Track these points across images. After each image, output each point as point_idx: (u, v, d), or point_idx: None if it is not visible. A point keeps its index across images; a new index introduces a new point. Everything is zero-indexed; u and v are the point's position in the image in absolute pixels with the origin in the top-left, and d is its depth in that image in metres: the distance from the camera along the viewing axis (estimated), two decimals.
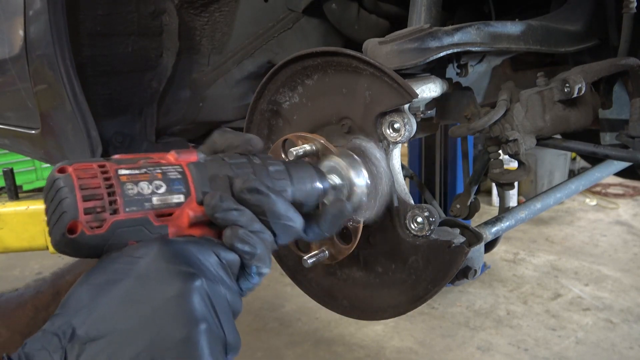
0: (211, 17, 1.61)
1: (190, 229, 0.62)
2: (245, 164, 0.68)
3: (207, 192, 0.63)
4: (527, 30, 1.17)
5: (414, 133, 0.90)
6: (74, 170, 0.57)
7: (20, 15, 1.44)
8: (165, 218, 0.61)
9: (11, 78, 1.63)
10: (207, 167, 0.65)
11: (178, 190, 0.61)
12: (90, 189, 0.56)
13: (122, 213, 0.58)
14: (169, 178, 0.61)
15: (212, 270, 0.58)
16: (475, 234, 0.92)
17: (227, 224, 0.62)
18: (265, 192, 0.64)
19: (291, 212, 0.67)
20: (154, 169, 0.61)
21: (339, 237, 0.95)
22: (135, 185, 0.59)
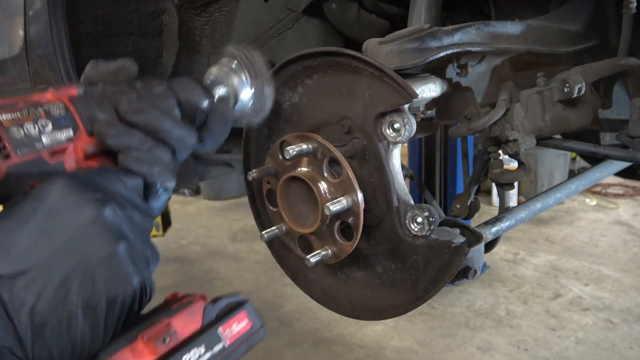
0: (211, 17, 1.61)
1: (87, 162, 0.63)
2: (127, 91, 0.67)
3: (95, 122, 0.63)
4: (527, 30, 1.17)
5: (414, 133, 0.90)
6: None
7: (20, 15, 1.44)
8: (59, 155, 0.61)
9: (11, 78, 1.63)
10: (89, 99, 0.65)
11: (65, 126, 0.62)
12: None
13: (15, 157, 0.58)
14: (53, 115, 0.61)
15: (120, 196, 0.59)
16: (475, 234, 0.92)
17: (120, 148, 0.63)
18: (151, 110, 0.64)
19: (180, 125, 0.67)
20: (35, 109, 0.61)
21: (340, 234, 0.95)
22: (21, 127, 0.59)
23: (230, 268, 4.73)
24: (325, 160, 0.93)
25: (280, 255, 1.16)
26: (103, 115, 0.64)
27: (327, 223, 0.94)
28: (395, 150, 0.93)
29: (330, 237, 0.96)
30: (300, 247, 1.03)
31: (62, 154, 0.61)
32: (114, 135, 0.62)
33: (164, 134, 0.65)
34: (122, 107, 0.64)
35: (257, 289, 4.27)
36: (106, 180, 0.60)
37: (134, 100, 0.65)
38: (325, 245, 0.97)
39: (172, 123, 0.66)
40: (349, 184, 0.91)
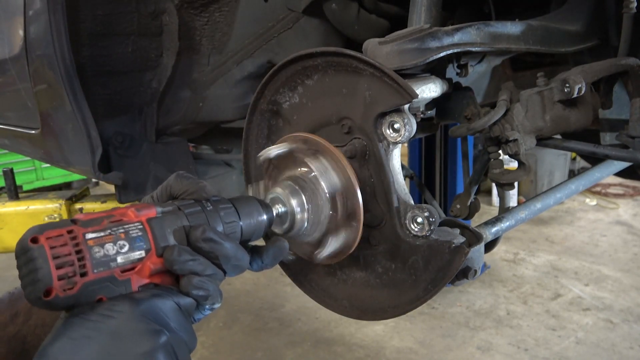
0: (211, 17, 1.61)
1: (151, 278, 0.71)
2: (199, 212, 0.77)
3: (166, 245, 0.71)
4: (527, 30, 1.17)
5: (414, 133, 0.90)
6: (46, 240, 0.63)
7: (20, 15, 1.44)
8: (128, 272, 0.69)
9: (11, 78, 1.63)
10: (165, 221, 0.73)
11: (139, 247, 0.69)
12: (62, 257, 0.63)
13: (91, 274, 0.65)
14: (131, 236, 0.69)
15: (173, 322, 0.68)
16: (475, 234, 0.92)
17: (184, 273, 0.71)
18: (218, 240, 0.73)
19: (239, 252, 0.76)
20: (117, 229, 0.68)
21: None
22: (102, 247, 0.66)
23: None
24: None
25: None
26: (174, 241, 0.72)
27: None
28: (396, 150, 0.93)
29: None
30: None
31: (131, 272, 0.69)
32: (182, 262, 0.70)
33: (224, 262, 0.74)
34: (193, 234, 0.73)
35: (257, 289, 4.27)
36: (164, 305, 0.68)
37: (204, 229, 0.73)
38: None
39: (233, 251, 0.75)
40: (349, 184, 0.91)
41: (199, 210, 0.77)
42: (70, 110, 1.43)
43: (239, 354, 3.39)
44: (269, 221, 0.85)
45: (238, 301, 4.08)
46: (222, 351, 3.43)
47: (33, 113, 1.62)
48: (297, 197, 0.90)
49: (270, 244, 0.84)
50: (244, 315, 3.86)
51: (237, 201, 0.82)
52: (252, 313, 3.89)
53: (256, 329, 3.66)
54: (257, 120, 1.10)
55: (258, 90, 1.06)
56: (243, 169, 1.18)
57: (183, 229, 0.74)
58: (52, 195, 2.20)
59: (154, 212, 0.73)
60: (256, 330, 3.64)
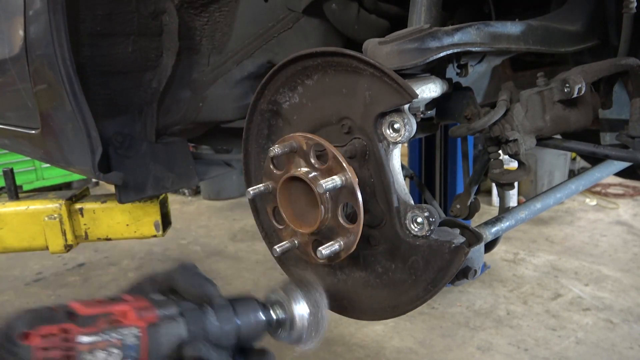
0: (211, 17, 1.61)
1: None
2: (199, 322, 0.75)
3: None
4: (527, 30, 1.17)
5: (414, 133, 0.90)
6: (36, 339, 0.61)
7: (20, 15, 1.44)
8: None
9: (11, 78, 1.63)
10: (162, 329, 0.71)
11: (132, 357, 0.67)
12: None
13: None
14: (125, 344, 0.67)
15: None
16: (475, 234, 0.92)
17: None
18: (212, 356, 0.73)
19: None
20: (112, 334, 0.66)
21: (345, 219, 0.96)
22: (92, 355, 0.64)
23: (230, 268, 4.73)
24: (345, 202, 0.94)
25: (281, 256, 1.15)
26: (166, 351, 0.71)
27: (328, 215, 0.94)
28: (396, 150, 0.93)
29: (337, 226, 0.95)
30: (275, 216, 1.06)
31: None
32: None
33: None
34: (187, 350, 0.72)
35: (257, 289, 4.27)
36: None
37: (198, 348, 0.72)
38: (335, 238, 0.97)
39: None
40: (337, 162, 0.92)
41: (199, 319, 0.76)
42: (70, 110, 1.43)
43: None
44: (267, 326, 0.85)
45: None
46: None
47: (33, 113, 1.62)
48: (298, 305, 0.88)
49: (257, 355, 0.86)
50: None
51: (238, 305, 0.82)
52: None
53: None
54: (257, 120, 1.10)
55: (258, 90, 1.06)
56: (243, 169, 1.18)
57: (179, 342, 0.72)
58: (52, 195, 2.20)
59: (155, 316, 0.72)
60: None
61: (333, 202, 0.94)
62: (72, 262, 5.00)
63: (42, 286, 4.47)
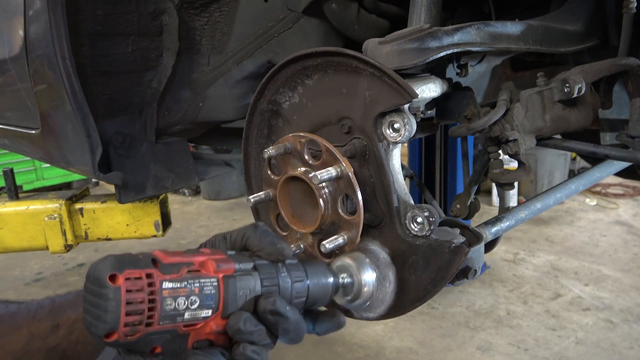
0: (211, 17, 1.61)
1: (209, 335, 0.71)
2: (273, 277, 0.76)
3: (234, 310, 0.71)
4: (527, 30, 1.17)
5: (414, 133, 0.90)
6: (124, 281, 0.63)
7: (20, 15, 1.44)
8: (190, 327, 0.68)
9: (11, 78, 1.63)
10: (239, 282, 0.72)
11: (209, 306, 0.69)
12: (134, 305, 0.63)
13: (156, 325, 0.65)
14: (204, 293, 0.69)
15: None
16: (475, 234, 0.92)
17: (242, 340, 0.71)
18: (284, 314, 0.73)
19: (300, 326, 0.76)
20: (193, 282, 0.68)
21: (345, 210, 0.96)
22: (174, 300, 0.66)
23: None
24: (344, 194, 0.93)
25: None
26: (242, 304, 0.72)
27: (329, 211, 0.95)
28: (396, 150, 0.93)
29: (338, 221, 0.95)
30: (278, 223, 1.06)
31: (193, 327, 0.69)
32: (244, 332, 0.70)
33: (283, 334, 0.75)
34: (262, 303, 0.73)
35: None
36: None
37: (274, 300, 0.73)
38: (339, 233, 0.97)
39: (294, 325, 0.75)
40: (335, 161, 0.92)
41: (273, 275, 0.76)
42: (70, 110, 1.43)
43: None
44: (335, 291, 0.84)
45: None
46: None
47: (33, 113, 1.62)
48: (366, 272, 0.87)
49: (328, 316, 0.84)
50: None
51: (309, 267, 0.81)
52: None
53: None
54: (257, 120, 1.10)
55: (258, 90, 1.06)
56: (243, 169, 1.18)
57: (254, 295, 0.74)
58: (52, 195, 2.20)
59: (232, 269, 0.73)
60: None
61: (331, 196, 0.94)
62: (72, 262, 5.00)
63: (42, 286, 4.47)
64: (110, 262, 0.64)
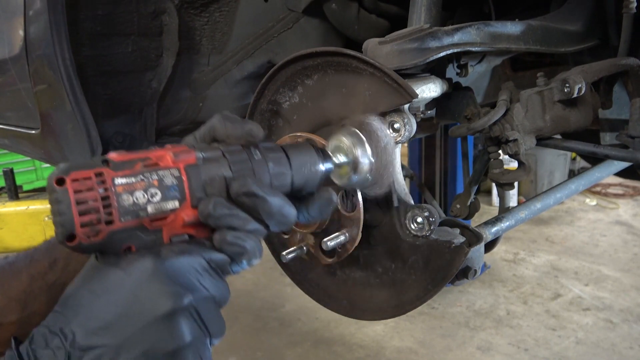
0: (211, 17, 1.61)
1: (185, 228, 0.66)
2: (245, 161, 0.69)
3: (202, 197, 0.65)
4: (527, 30, 1.17)
5: (414, 133, 0.90)
6: (71, 183, 0.60)
7: (20, 15, 1.44)
8: (160, 221, 0.64)
9: (11, 78, 1.63)
10: (205, 169, 0.67)
11: (173, 197, 0.64)
12: (86, 204, 0.60)
13: (118, 223, 0.61)
14: (164, 185, 0.64)
15: (201, 280, 0.63)
16: (475, 234, 0.92)
17: (220, 227, 0.65)
18: (261, 195, 0.66)
19: (286, 208, 0.68)
20: (150, 175, 0.63)
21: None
22: (131, 195, 0.62)
23: None
24: (342, 190, 0.92)
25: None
26: (213, 191, 0.66)
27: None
28: (396, 150, 0.92)
29: (339, 218, 0.94)
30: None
31: (162, 221, 0.64)
32: (217, 217, 0.64)
33: (267, 218, 0.67)
34: (234, 186, 0.66)
35: (257, 289, 4.27)
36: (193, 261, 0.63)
37: (247, 182, 0.66)
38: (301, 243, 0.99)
39: (278, 207, 0.67)
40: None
41: (245, 159, 0.70)
42: (70, 110, 1.43)
43: (239, 354, 3.39)
44: (325, 172, 0.76)
45: (238, 301, 4.08)
46: (222, 351, 3.43)
47: (33, 113, 1.62)
48: (361, 147, 0.81)
49: (317, 195, 0.76)
50: (244, 315, 3.86)
51: (290, 149, 0.74)
52: (252, 313, 3.89)
53: (256, 329, 3.66)
54: (257, 120, 1.10)
55: (258, 90, 1.06)
56: None
57: (224, 180, 0.67)
58: None
59: (194, 158, 0.67)
60: (256, 330, 3.64)
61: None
62: None
63: None
64: (58, 168, 0.61)
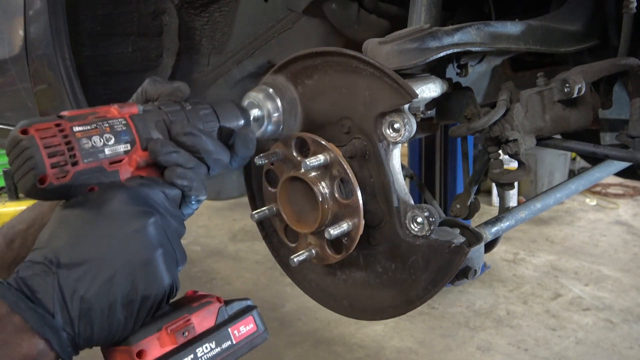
0: (211, 17, 1.61)
1: (138, 171, 0.75)
2: (179, 111, 0.80)
3: (149, 139, 0.75)
4: (527, 30, 1.17)
5: (414, 133, 0.90)
6: (36, 131, 0.67)
7: (20, 15, 1.44)
8: (116, 164, 0.72)
9: (11, 78, 1.63)
10: (147, 117, 0.76)
11: (125, 141, 0.73)
12: (52, 147, 0.67)
13: (82, 164, 0.69)
14: (116, 130, 0.72)
15: (162, 206, 0.72)
16: (475, 234, 0.92)
17: (168, 164, 0.75)
18: (198, 134, 0.77)
19: (219, 147, 0.79)
20: (102, 124, 0.72)
21: (330, 245, 0.97)
22: (89, 139, 0.70)
23: (230, 268, 4.73)
24: (338, 179, 0.94)
25: (281, 255, 1.16)
26: (157, 135, 0.76)
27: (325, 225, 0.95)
28: (395, 150, 0.93)
29: (340, 209, 0.95)
30: (287, 237, 1.06)
31: (118, 164, 0.72)
32: (165, 153, 0.74)
33: (205, 155, 0.77)
34: (174, 129, 0.77)
35: (257, 289, 4.27)
36: (152, 192, 0.72)
37: (185, 124, 0.78)
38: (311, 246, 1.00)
39: (213, 145, 0.78)
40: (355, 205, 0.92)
41: (179, 110, 0.80)
42: None
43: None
44: (245, 124, 0.87)
45: None
46: None
47: (33, 113, 1.62)
48: (271, 101, 0.93)
49: (236, 135, 0.85)
50: None
51: (215, 104, 0.85)
52: None
53: None
54: None
55: None
56: (243, 169, 1.18)
57: (164, 124, 0.77)
58: None
59: (136, 109, 0.76)
60: None
61: (326, 183, 0.94)
62: None
63: None
64: (18, 125, 0.68)
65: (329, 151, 0.93)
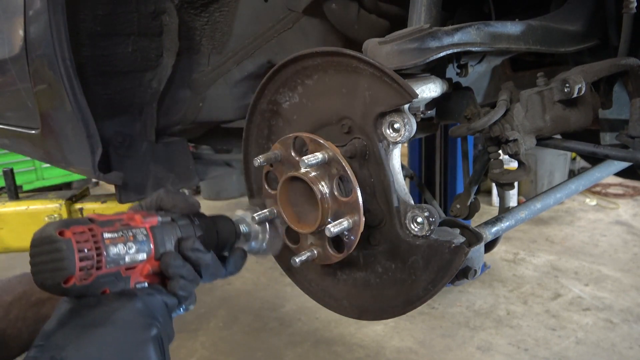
0: (211, 17, 1.61)
1: (145, 277, 0.84)
2: (189, 225, 0.91)
3: (163, 251, 0.85)
4: (527, 30, 1.17)
5: (414, 133, 0.90)
6: (73, 235, 0.74)
7: (20, 15, 1.44)
8: (130, 270, 0.81)
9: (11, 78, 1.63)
10: (164, 230, 0.87)
11: (143, 250, 0.82)
12: (85, 252, 0.74)
13: (104, 269, 0.77)
14: (138, 240, 0.82)
15: (162, 315, 0.81)
16: (475, 234, 0.92)
17: (174, 276, 0.85)
18: (203, 250, 0.88)
19: (217, 263, 0.91)
20: (127, 232, 0.81)
21: (331, 245, 0.98)
22: (115, 246, 0.78)
23: None
24: (337, 177, 0.94)
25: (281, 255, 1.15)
26: (170, 247, 0.86)
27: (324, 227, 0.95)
28: (395, 150, 0.93)
29: (339, 207, 0.95)
30: (288, 237, 1.06)
31: (132, 270, 0.81)
32: (175, 266, 0.85)
33: (204, 270, 0.89)
34: (183, 244, 0.88)
35: (257, 289, 4.27)
36: (156, 302, 0.81)
37: (194, 240, 0.89)
38: (314, 246, 1.00)
39: (212, 261, 0.90)
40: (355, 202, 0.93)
41: (189, 224, 0.91)
42: (70, 110, 1.43)
43: (239, 354, 3.39)
44: (237, 237, 1.00)
45: (238, 301, 4.08)
46: (222, 351, 3.43)
47: (33, 113, 1.62)
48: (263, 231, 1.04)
49: (231, 253, 0.98)
50: (244, 315, 3.86)
51: (217, 220, 0.98)
52: (252, 313, 3.89)
53: (256, 329, 3.66)
54: (257, 120, 1.10)
55: (258, 90, 1.06)
56: (243, 169, 1.18)
57: (176, 239, 0.88)
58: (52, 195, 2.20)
59: (156, 220, 0.87)
60: (256, 330, 3.64)
61: (325, 181, 0.94)
62: None
63: None
64: (55, 224, 0.74)
65: (327, 149, 0.93)
